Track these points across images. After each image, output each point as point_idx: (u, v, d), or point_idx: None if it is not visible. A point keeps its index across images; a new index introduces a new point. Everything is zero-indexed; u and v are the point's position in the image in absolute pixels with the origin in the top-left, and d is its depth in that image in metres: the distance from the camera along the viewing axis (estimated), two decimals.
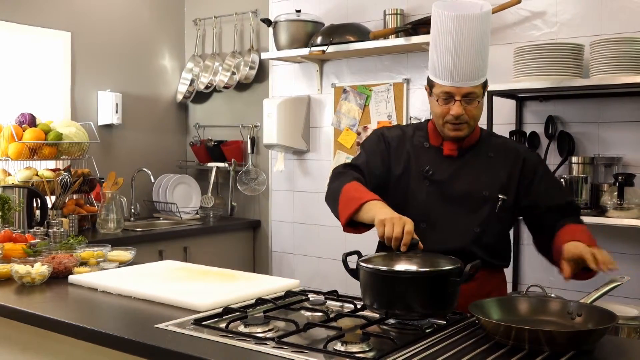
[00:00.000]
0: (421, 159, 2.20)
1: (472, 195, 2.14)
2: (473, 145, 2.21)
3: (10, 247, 2.58)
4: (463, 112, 2.08)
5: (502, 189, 2.15)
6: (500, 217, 2.16)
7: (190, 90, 4.92)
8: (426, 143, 2.22)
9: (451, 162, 2.18)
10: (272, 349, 1.53)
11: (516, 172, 2.18)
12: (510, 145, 2.29)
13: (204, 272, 2.36)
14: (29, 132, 3.73)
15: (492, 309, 1.73)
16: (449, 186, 2.16)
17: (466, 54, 2.04)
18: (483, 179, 2.16)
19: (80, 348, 1.86)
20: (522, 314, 1.75)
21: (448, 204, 2.15)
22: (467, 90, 2.07)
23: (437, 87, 2.10)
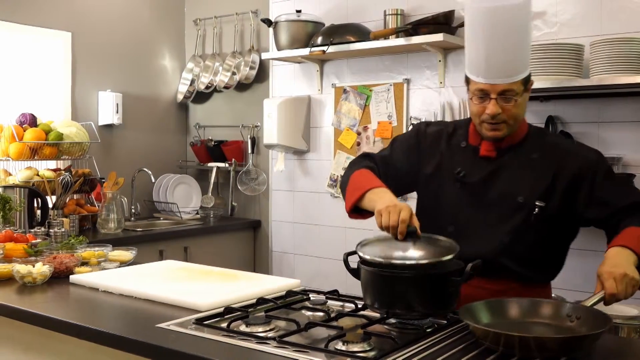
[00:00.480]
0: (455, 159, 2.08)
1: (506, 200, 2.00)
2: (515, 145, 2.05)
3: (11, 247, 2.58)
4: (500, 111, 1.95)
5: (543, 195, 1.97)
6: (537, 226, 1.98)
7: (190, 90, 4.92)
8: (464, 142, 2.11)
9: (487, 163, 2.04)
10: (274, 348, 1.54)
11: (567, 177, 1.98)
12: (564, 146, 2.09)
13: (205, 272, 2.36)
14: (30, 132, 3.74)
15: (482, 312, 1.66)
16: (482, 190, 2.03)
17: (500, 48, 1.91)
18: (520, 183, 2.00)
19: (83, 347, 1.86)
20: (513, 317, 1.68)
21: (479, 209, 2.02)
22: (503, 87, 1.94)
23: (472, 84, 2.00)
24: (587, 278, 3.31)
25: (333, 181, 4.19)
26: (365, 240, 1.84)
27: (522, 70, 1.97)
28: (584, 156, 2.04)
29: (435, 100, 3.77)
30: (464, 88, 3.68)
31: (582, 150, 2.10)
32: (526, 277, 2.02)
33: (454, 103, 3.71)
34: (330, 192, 4.21)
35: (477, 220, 2.02)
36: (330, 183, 4.20)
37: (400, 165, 2.14)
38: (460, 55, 3.67)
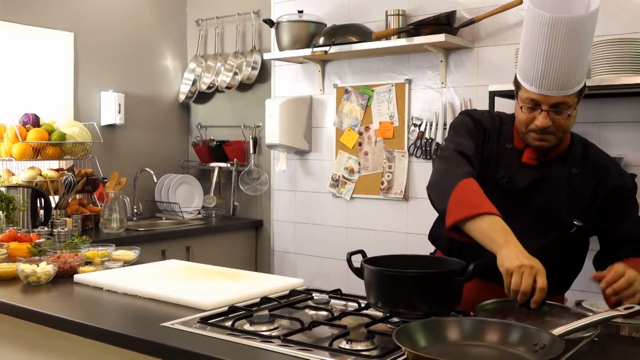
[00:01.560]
0: (500, 160, 1.99)
1: (545, 214, 1.94)
2: (559, 156, 1.97)
3: (15, 246, 2.60)
4: (550, 124, 1.85)
5: (581, 214, 1.92)
6: (571, 244, 1.95)
7: (192, 90, 4.93)
8: (509, 144, 2.00)
9: (529, 171, 1.96)
10: (278, 347, 1.55)
11: (601, 194, 1.94)
12: (603, 162, 2.02)
13: (208, 272, 2.37)
14: (33, 132, 3.75)
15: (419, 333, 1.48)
16: (522, 200, 1.95)
17: (560, 60, 1.79)
18: (560, 200, 1.93)
19: (87, 346, 1.87)
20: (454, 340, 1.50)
21: (515, 219, 1.83)
22: (557, 100, 1.83)
23: (523, 91, 1.89)
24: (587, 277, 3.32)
25: (335, 181, 4.20)
26: None
27: (579, 82, 1.86)
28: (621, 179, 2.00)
29: (437, 101, 3.79)
30: (466, 88, 3.72)
31: (620, 170, 2.06)
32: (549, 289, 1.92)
33: (455, 103, 3.72)
34: (332, 192, 4.22)
35: (514, 230, 1.80)
36: (332, 183, 4.21)
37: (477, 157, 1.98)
38: (461, 56, 3.69)
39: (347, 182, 4.13)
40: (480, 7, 3.59)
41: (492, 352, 1.45)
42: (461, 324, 1.52)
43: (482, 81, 3.61)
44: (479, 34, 3.63)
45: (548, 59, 1.79)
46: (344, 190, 4.13)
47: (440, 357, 1.31)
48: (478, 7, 3.60)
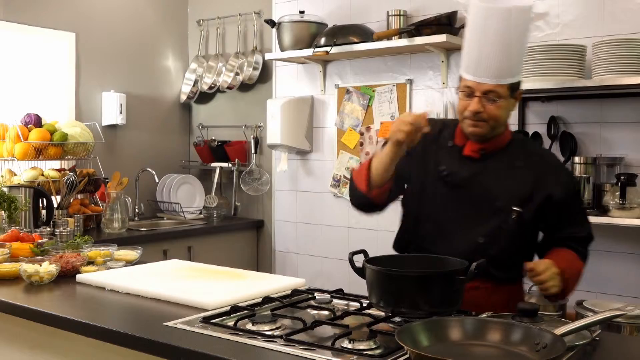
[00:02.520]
0: (440, 157, 2.12)
1: (485, 203, 2.05)
2: (499, 149, 2.09)
3: (17, 246, 2.60)
4: (481, 110, 1.99)
5: (521, 202, 2.02)
6: (513, 230, 2.04)
7: (193, 90, 4.94)
8: (450, 142, 2.14)
9: (471, 164, 2.09)
10: (281, 346, 1.56)
11: (545, 188, 2.05)
12: (545, 158, 2.15)
13: (210, 271, 2.38)
14: (35, 132, 3.76)
15: (421, 333, 1.49)
16: (464, 190, 2.07)
17: (494, 48, 1.93)
18: (500, 188, 2.04)
19: (90, 346, 1.88)
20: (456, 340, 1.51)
21: (459, 209, 2.06)
22: (488, 87, 1.97)
23: (462, 80, 2.04)
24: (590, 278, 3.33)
25: (336, 181, 4.21)
26: None
27: (512, 75, 1.99)
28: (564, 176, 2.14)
29: (438, 101, 3.79)
30: None
31: (563, 169, 2.21)
32: (498, 277, 2.07)
33: (456, 103, 3.72)
34: (333, 192, 4.23)
35: (455, 220, 2.07)
36: (333, 183, 4.22)
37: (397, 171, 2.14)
38: None
39: (349, 182, 4.12)
40: None
41: (494, 351, 1.45)
42: (463, 324, 1.53)
43: None
44: None
45: (485, 47, 1.94)
46: (345, 190, 4.13)
47: (443, 356, 1.31)
48: None
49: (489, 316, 1.74)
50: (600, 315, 1.59)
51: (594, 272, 3.31)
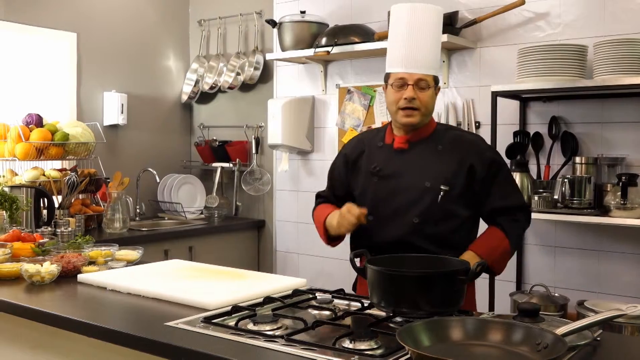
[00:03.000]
0: (373, 158, 2.33)
1: (415, 186, 2.23)
2: (424, 138, 2.30)
3: (19, 246, 2.60)
4: (415, 97, 2.20)
5: (447, 180, 2.21)
6: (444, 208, 2.21)
7: (195, 90, 4.94)
8: (380, 142, 2.36)
9: (400, 156, 2.29)
10: (282, 346, 1.56)
11: (467, 165, 2.23)
12: (466, 139, 2.34)
13: (211, 271, 2.38)
14: (36, 132, 3.76)
15: (422, 333, 1.49)
16: (395, 180, 2.27)
17: (419, 42, 2.22)
18: (427, 171, 2.24)
19: (91, 346, 1.88)
20: (457, 339, 1.50)
21: (393, 197, 2.26)
22: (419, 76, 2.21)
23: (392, 77, 2.26)
24: (591, 278, 3.34)
25: None
26: None
27: (435, 68, 2.26)
28: (484, 150, 2.31)
29: (439, 101, 3.77)
30: (468, 89, 3.73)
31: (482, 144, 2.36)
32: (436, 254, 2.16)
33: (457, 103, 3.73)
34: None
35: (392, 207, 2.25)
36: None
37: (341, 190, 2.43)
38: (464, 56, 3.69)
39: None
40: (482, 7, 3.60)
41: (495, 351, 1.45)
42: (464, 324, 1.53)
43: (484, 81, 3.61)
44: (481, 35, 3.64)
45: (411, 42, 2.22)
46: None
47: (444, 356, 1.31)
48: (480, 8, 3.61)
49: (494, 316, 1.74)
50: (601, 316, 1.58)
51: (595, 272, 3.31)
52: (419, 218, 2.21)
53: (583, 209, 3.08)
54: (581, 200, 3.09)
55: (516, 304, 2.99)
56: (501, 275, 3.41)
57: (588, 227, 3.32)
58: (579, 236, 3.36)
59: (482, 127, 3.63)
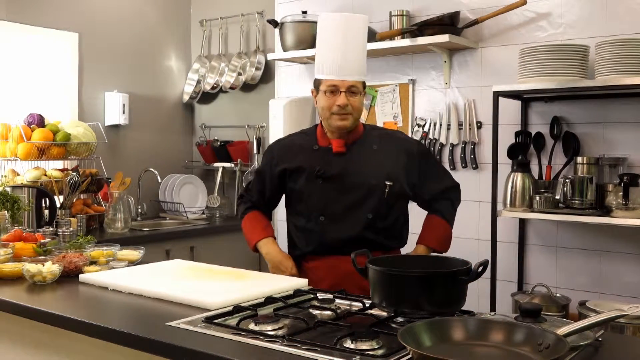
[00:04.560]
0: (312, 160, 2.44)
1: (362, 185, 2.38)
2: (358, 139, 2.45)
3: (20, 246, 2.60)
4: (348, 103, 2.34)
5: (388, 176, 2.39)
6: (390, 202, 2.40)
7: (196, 90, 4.95)
8: (315, 145, 2.47)
9: (340, 158, 2.42)
10: (283, 346, 1.55)
11: (402, 160, 2.43)
12: (395, 136, 2.55)
13: (213, 271, 2.38)
14: (38, 132, 3.76)
15: (424, 333, 1.47)
16: (341, 180, 2.40)
17: (351, 50, 2.35)
18: (369, 170, 2.40)
19: (92, 345, 1.88)
20: (459, 340, 1.49)
21: (342, 197, 2.40)
22: (351, 83, 2.35)
23: (323, 83, 2.38)
24: (591, 278, 3.33)
25: None
26: None
27: (364, 73, 2.41)
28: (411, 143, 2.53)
29: (441, 101, 3.79)
30: (469, 89, 3.73)
31: (407, 138, 2.64)
32: (385, 245, 2.42)
33: (459, 103, 3.73)
34: None
35: (342, 206, 2.40)
36: None
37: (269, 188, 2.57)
38: (465, 56, 3.69)
39: None
40: (484, 7, 3.59)
41: (496, 351, 1.45)
42: (466, 324, 1.52)
43: (485, 81, 3.61)
44: (482, 35, 3.63)
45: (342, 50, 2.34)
46: None
47: (446, 356, 1.31)
48: (482, 8, 3.60)
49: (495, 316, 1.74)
50: (603, 316, 1.58)
51: (596, 272, 3.31)
52: (372, 214, 2.38)
53: (585, 209, 3.07)
54: (583, 201, 3.09)
55: (518, 304, 2.99)
56: (502, 276, 3.43)
57: (590, 228, 3.32)
58: (581, 236, 3.36)
59: (483, 127, 3.63)
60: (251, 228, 2.61)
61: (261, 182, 2.61)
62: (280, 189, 2.57)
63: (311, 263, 2.49)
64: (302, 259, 2.54)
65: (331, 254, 2.42)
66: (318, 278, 2.40)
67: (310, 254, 2.49)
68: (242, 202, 2.69)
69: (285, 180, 2.51)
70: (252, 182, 2.67)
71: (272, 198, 2.62)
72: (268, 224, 2.63)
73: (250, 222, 2.63)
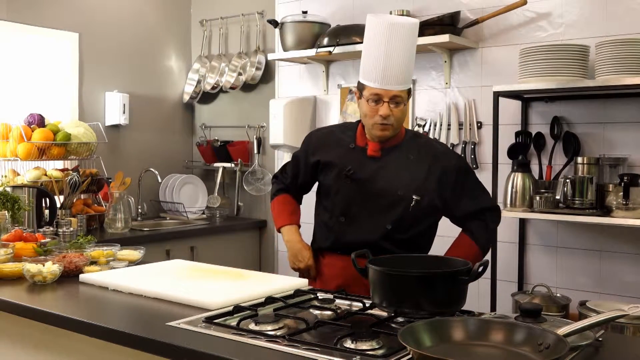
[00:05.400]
0: (345, 158, 2.41)
1: (388, 194, 2.33)
2: (396, 146, 2.39)
3: (21, 246, 2.60)
4: (390, 114, 2.28)
5: (418, 190, 2.32)
6: (414, 215, 2.33)
7: (196, 90, 4.94)
8: (352, 144, 2.43)
9: (374, 162, 2.37)
10: (284, 346, 1.55)
11: (436, 174, 2.34)
12: (433, 147, 2.45)
13: (213, 271, 2.38)
14: (38, 132, 3.76)
15: (424, 333, 1.48)
16: (369, 185, 2.35)
17: (396, 58, 2.25)
18: (399, 180, 2.33)
19: (93, 345, 1.88)
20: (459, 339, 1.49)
21: (366, 201, 2.35)
22: (395, 93, 2.27)
23: (367, 89, 2.31)
24: (593, 278, 3.33)
25: None
26: None
27: (410, 81, 2.34)
28: (451, 158, 2.43)
29: (441, 101, 3.79)
30: (470, 89, 3.73)
31: (449, 152, 2.52)
32: None
33: (459, 103, 3.72)
34: None
35: (364, 211, 2.36)
36: None
37: (302, 176, 2.57)
38: (465, 56, 3.69)
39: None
40: (484, 7, 3.60)
41: (496, 351, 1.45)
42: (466, 324, 1.53)
43: (486, 81, 3.61)
44: (483, 35, 3.63)
45: (388, 58, 2.25)
46: None
47: (446, 356, 1.31)
48: (482, 8, 3.61)
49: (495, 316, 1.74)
50: (603, 316, 1.58)
51: (597, 272, 3.31)
52: (392, 225, 2.33)
53: (585, 209, 3.07)
54: (583, 201, 3.09)
55: (518, 304, 2.99)
56: (503, 276, 3.43)
57: (590, 228, 3.32)
58: (581, 236, 3.36)
59: (483, 127, 3.63)
60: (279, 211, 2.60)
61: (296, 167, 2.60)
62: (313, 178, 2.56)
63: (327, 259, 2.49)
64: (319, 253, 2.54)
65: (347, 254, 2.35)
66: (331, 275, 2.43)
67: (327, 250, 2.49)
68: (276, 183, 2.69)
69: (318, 172, 2.50)
70: (288, 165, 2.66)
71: (305, 184, 2.62)
72: (295, 210, 2.62)
73: (279, 205, 2.62)
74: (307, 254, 2.50)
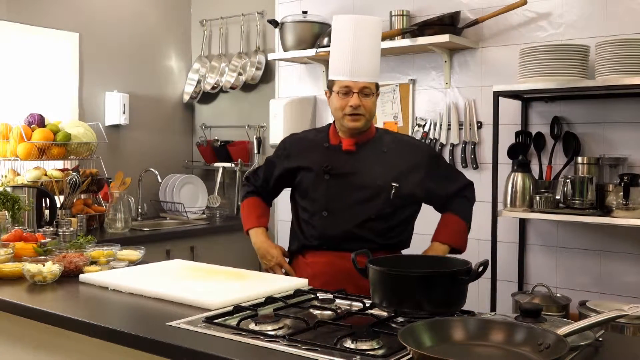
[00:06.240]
0: (322, 157, 2.48)
1: (367, 185, 2.42)
2: (368, 141, 2.49)
3: (21, 246, 2.60)
4: (360, 104, 2.38)
5: (396, 178, 2.41)
6: (395, 203, 2.42)
7: (196, 90, 4.95)
8: (326, 143, 2.52)
9: (349, 156, 2.46)
10: (284, 346, 1.55)
11: (410, 163, 2.46)
12: (404, 140, 2.60)
13: (213, 271, 2.38)
14: (38, 132, 3.76)
15: (424, 333, 1.48)
16: (347, 178, 2.44)
17: (363, 52, 2.38)
18: (377, 171, 2.42)
19: (93, 345, 1.88)
20: (459, 340, 1.49)
21: (347, 195, 2.43)
22: (364, 84, 2.38)
23: (337, 84, 2.42)
24: (593, 278, 3.33)
25: None
26: None
27: (377, 75, 2.45)
28: (422, 148, 2.61)
29: (441, 101, 3.79)
30: (470, 89, 3.73)
31: (420, 144, 2.74)
32: (384, 245, 2.43)
33: (459, 103, 3.72)
34: None
35: (346, 204, 2.43)
36: None
37: (272, 179, 2.62)
38: (465, 56, 3.69)
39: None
40: (484, 7, 3.59)
41: (497, 351, 1.45)
42: (466, 324, 1.52)
43: (486, 81, 3.61)
44: (483, 35, 3.63)
45: (356, 51, 2.37)
46: None
47: (446, 356, 1.31)
48: (482, 8, 3.60)
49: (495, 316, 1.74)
50: (603, 316, 1.58)
51: (597, 272, 3.31)
52: (375, 214, 2.41)
53: (585, 209, 3.07)
54: (583, 201, 3.08)
55: (518, 304, 2.99)
56: (503, 276, 3.43)
57: (590, 228, 3.32)
58: (581, 236, 3.36)
59: (483, 127, 3.63)
60: (248, 214, 2.66)
61: (268, 171, 2.65)
62: (285, 182, 2.62)
63: (310, 258, 2.51)
64: (300, 254, 2.55)
65: (330, 250, 2.45)
66: (315, 273, 2.43)
67: (310, 249, 2.51)
68: (247, 185, 2.74)
69: (294, 176, 2.55)
70: (260, 168, 2.72)
71: (275, 189, 2.68)
72: (264, 213, 2.68)
73: (248, 207, 2.68)
74: (275, 252, 2.55)
